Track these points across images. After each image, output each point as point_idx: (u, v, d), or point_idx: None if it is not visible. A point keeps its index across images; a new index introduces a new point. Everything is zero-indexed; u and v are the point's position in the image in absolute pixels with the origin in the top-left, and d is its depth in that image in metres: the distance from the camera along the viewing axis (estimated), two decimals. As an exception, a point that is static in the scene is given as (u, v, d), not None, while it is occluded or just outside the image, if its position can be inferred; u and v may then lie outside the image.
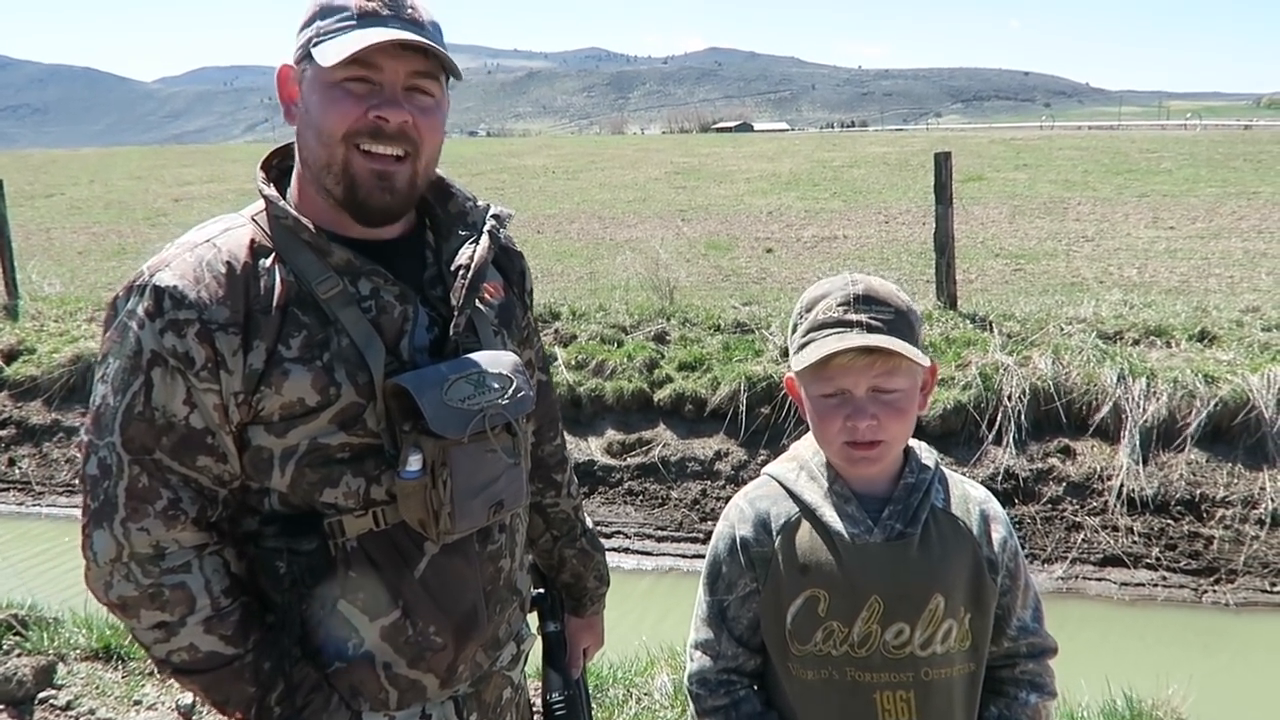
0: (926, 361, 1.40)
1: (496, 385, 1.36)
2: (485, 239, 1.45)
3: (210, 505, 1.30)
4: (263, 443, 1.30)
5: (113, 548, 1.26)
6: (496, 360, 1.39)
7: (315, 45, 1.30)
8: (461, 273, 1.41)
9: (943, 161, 6.90)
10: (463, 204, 1.49)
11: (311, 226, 1.31)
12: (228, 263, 1.29)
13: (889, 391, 1.39)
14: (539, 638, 1.73)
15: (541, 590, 1.77)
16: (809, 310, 1.42)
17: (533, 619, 1.72)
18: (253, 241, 1.32)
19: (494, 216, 1.50)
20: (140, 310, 1.26)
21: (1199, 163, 19.00)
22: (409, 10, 1.31)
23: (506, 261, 1.55)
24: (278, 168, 1.43)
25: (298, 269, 1.31)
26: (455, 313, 1.39)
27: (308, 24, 1.33)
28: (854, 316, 1.37)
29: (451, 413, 1.29)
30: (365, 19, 1.28)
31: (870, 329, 1.36)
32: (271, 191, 1.35)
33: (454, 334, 1.38)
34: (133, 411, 1.26)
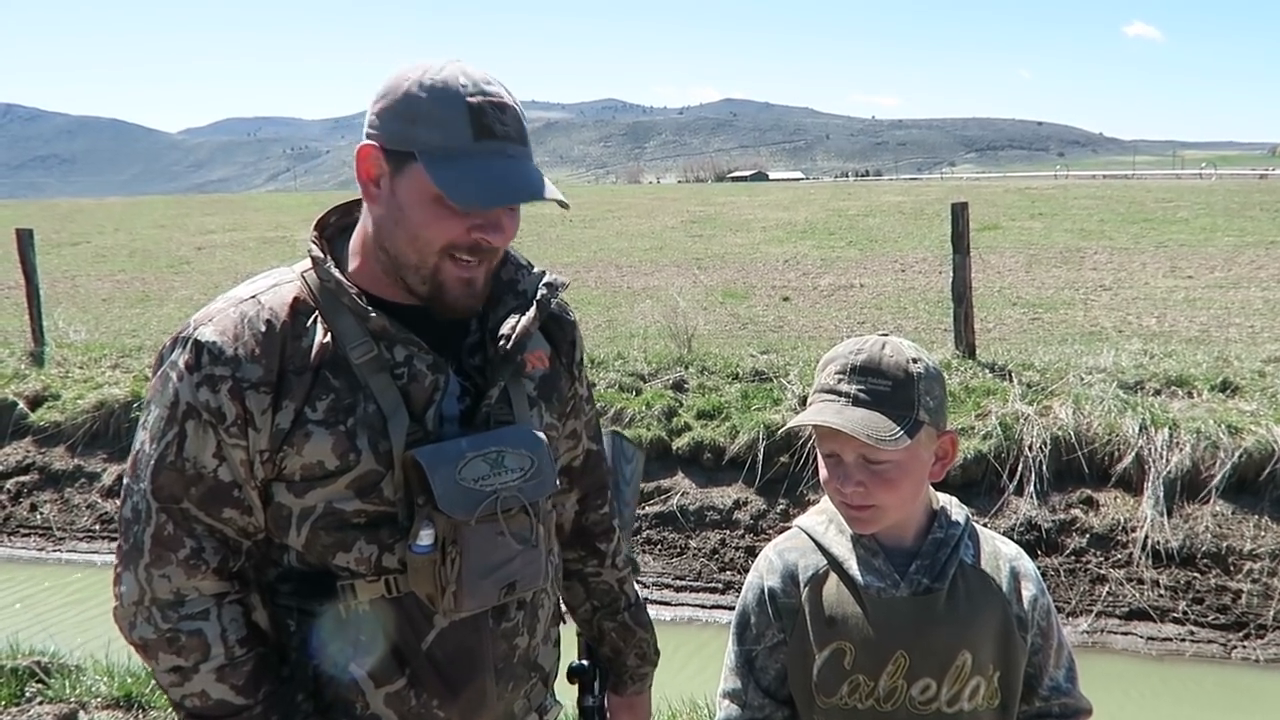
0: (895, 446, 1.36)
1: (515, 467, 1.34)
2: (533, 309, 1.43)
3: (233, 556, 1.32)
4: (283, 500, 1.31)
5: (136, 590, 1.28)
6: (521, 439, 1.37)
7: (424, 154, 1.24)
8: (500, 343, 1.39)
9: (960, 211, 6.94)
10: (515, 272, 1.47)
11: (353, 291, 1.31)
12: (268, 320, 1.30)
13: (877, 462, 1.39)
14: (568, 707, 1.68)
15: (584, 661, 1.70)
16: (821, 371, 1.46)
17: (575, 690, 1.67)
18: (296, 299, 1.33)
19: (546, 285, 1.46)
20: (181, 362, 1.29)
21: (1215, 212, 18.98)
22: (513, 114, 1.28)
23: (557, 330, 1.52)
24: (335, 225, 1.42)
25: (337, 331, 1.31)
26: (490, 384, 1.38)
27: (406, 104, 1.26)
28: (844, 387, 1.40)
29: (462, 492, 1.28)
30: (482, 136, 1.24)
31: (856, 401, 1.38)
32: (319, 254, 1.35)
33: (485, 406, 1.37)
34: (165, 461, 1.28)
